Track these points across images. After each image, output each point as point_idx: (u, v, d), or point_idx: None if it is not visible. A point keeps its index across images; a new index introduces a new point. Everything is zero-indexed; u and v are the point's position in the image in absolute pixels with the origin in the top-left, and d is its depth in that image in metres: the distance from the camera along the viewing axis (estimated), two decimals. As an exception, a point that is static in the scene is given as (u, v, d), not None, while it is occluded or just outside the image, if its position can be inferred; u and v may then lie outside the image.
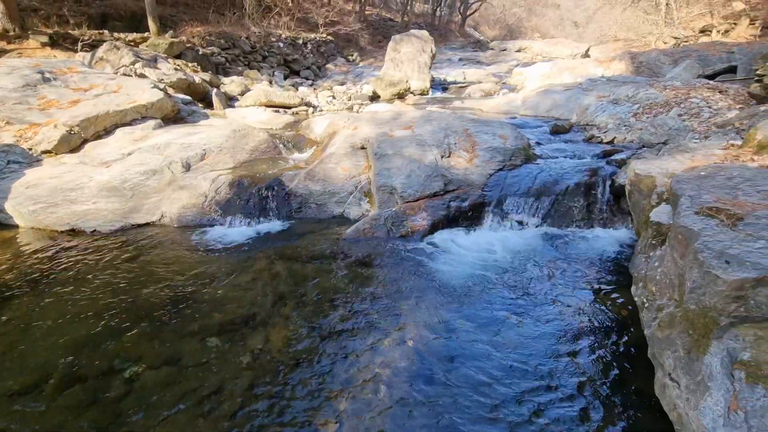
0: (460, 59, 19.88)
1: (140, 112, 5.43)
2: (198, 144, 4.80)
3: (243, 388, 2.11)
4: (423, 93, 11.14)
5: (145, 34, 9.72)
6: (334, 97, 9.27)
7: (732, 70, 8.95)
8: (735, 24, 14.60)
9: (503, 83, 12.61)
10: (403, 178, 4.23)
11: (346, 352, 2.39)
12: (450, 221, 3.97)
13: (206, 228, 3.94)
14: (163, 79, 6.90)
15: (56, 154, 4.61)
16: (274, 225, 4.05)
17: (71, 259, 3.38)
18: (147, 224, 4.02)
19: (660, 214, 2.35)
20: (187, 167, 4.50)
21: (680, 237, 1.82)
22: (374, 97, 10.21)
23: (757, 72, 5.25)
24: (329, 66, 15.05)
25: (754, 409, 1.31)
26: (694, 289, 1.63)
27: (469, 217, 4.03)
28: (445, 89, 12.32)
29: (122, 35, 9.26)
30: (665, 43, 15.71)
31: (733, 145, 3.09)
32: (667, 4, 18.29)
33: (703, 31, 15.47)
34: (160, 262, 3.35)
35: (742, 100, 5.78)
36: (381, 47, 18.67)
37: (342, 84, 11.60)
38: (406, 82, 10.84)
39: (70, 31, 8.90)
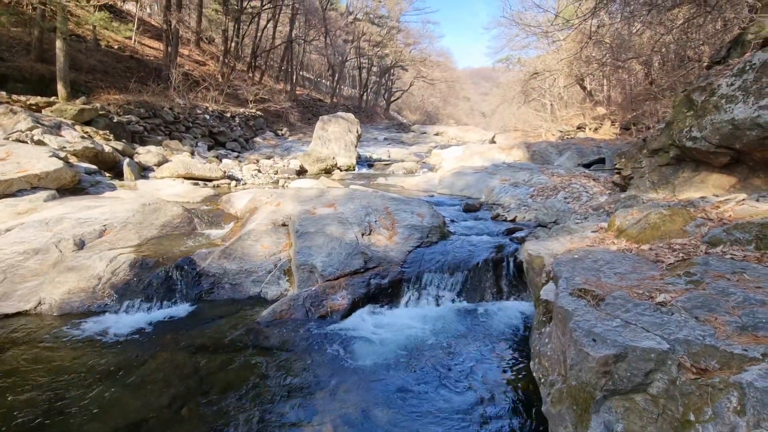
0: (385, 138, 21.59)
1: (31, 182, 4.90)
2: (97, 219, 4.39)
3: None
4: (349, 169, 11.72)
5: (52, 99, 9.13)
6: (259, 171, 9.30)
7: (602, 160, 10.93)
8: (601, 124, 18.20)
9: (423, 162, 13.83)
10: (324, 256, 4.25)
11: (249, 458, 2.14)
12: (370, 299, 3.99)
13: (96, 316, 3.46)
14: (65, 147, 6.39)
15: None
16: (181, 309, 3.70)
17: None
18: (18, 314, 3.42)
19: (548, 292, 2.64)
20: (81, 245, 4.04)
21: (560, 316, 2.05)
22: (302, 172, 10.46)
23: (617, 166, 6.49)
24: (257, 139, 15.28)
25: (629, 483, 1.43)
26: (573, 365, 1.81)
27: (389, 294, 4.10)
28: (370, 166, 13.12)
29: (22, 98, 8.59)
30: (553, 135, 18.86)
31: (601, 228, 3.68)
32: (551, 105, 22.37)
33: (579, 127, 18.95)
34: (25, 361, 2.81)
35: (610, 186, 7.02)
36: (310, 123, 19.62)
37: (269, 158, 11.76)
38: (333, 158, 11.36)
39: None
